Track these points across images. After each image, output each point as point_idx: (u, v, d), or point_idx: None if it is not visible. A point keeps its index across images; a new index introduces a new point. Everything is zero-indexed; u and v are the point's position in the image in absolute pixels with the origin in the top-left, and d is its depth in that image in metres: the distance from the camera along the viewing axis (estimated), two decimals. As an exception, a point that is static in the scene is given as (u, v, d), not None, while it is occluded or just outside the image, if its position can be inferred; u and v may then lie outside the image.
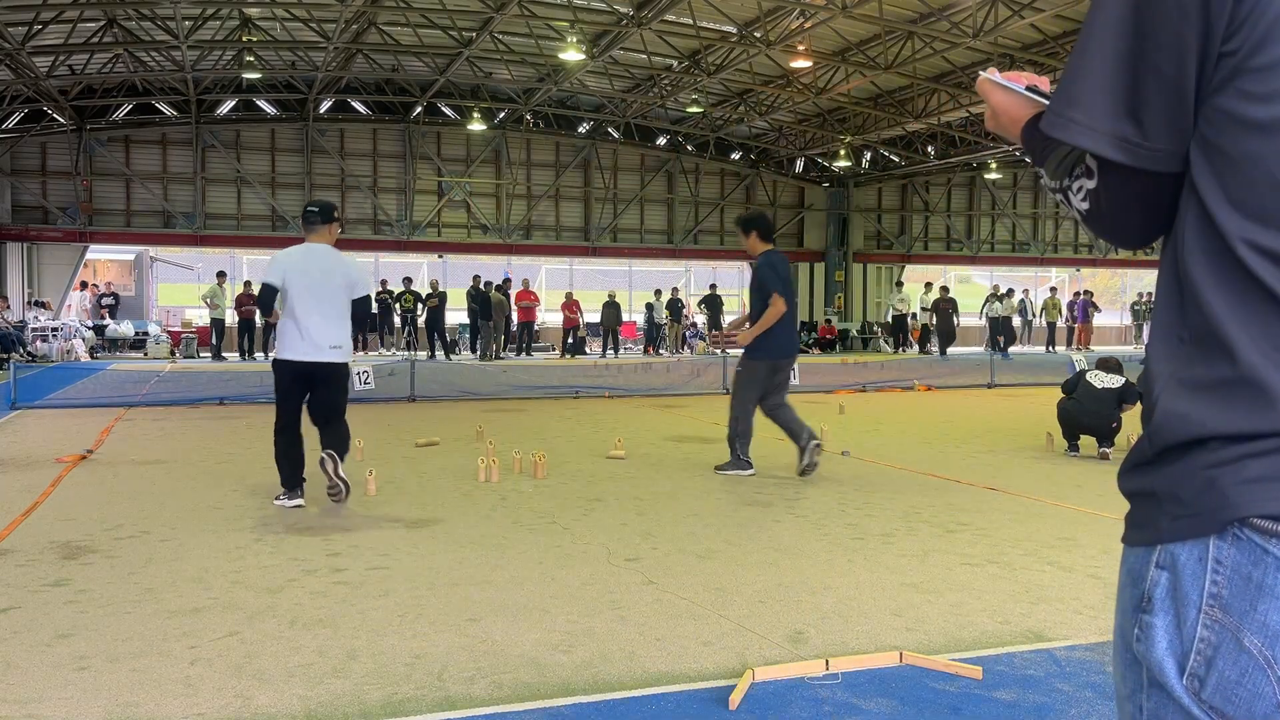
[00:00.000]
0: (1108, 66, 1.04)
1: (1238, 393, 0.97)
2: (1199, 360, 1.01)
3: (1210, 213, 1.00)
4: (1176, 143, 1.02)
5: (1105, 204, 1.09)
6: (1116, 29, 1.03)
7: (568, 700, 3.03)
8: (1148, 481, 1.06)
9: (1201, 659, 0.98)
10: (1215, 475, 0.98)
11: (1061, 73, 1.11)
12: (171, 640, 3.57)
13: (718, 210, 32.25)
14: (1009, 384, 16.22)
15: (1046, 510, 5.98)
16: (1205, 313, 1.00)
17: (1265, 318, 0.97)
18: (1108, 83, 1.04)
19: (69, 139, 25.88)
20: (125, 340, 24.74)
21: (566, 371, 18.38)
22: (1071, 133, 1.06)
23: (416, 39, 22.11)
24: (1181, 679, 0.99)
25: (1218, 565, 0.97)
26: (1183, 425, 1.01)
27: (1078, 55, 1.08)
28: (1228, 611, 0.96)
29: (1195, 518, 0.99)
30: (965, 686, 3.14)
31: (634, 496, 6.40)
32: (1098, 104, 1.04)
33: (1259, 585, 0.95)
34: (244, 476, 7.12)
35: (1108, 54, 1.04)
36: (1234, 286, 0.99)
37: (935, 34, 19.60)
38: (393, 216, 28.78)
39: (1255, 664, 0.95)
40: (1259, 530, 0.95)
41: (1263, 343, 0.97)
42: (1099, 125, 1.04)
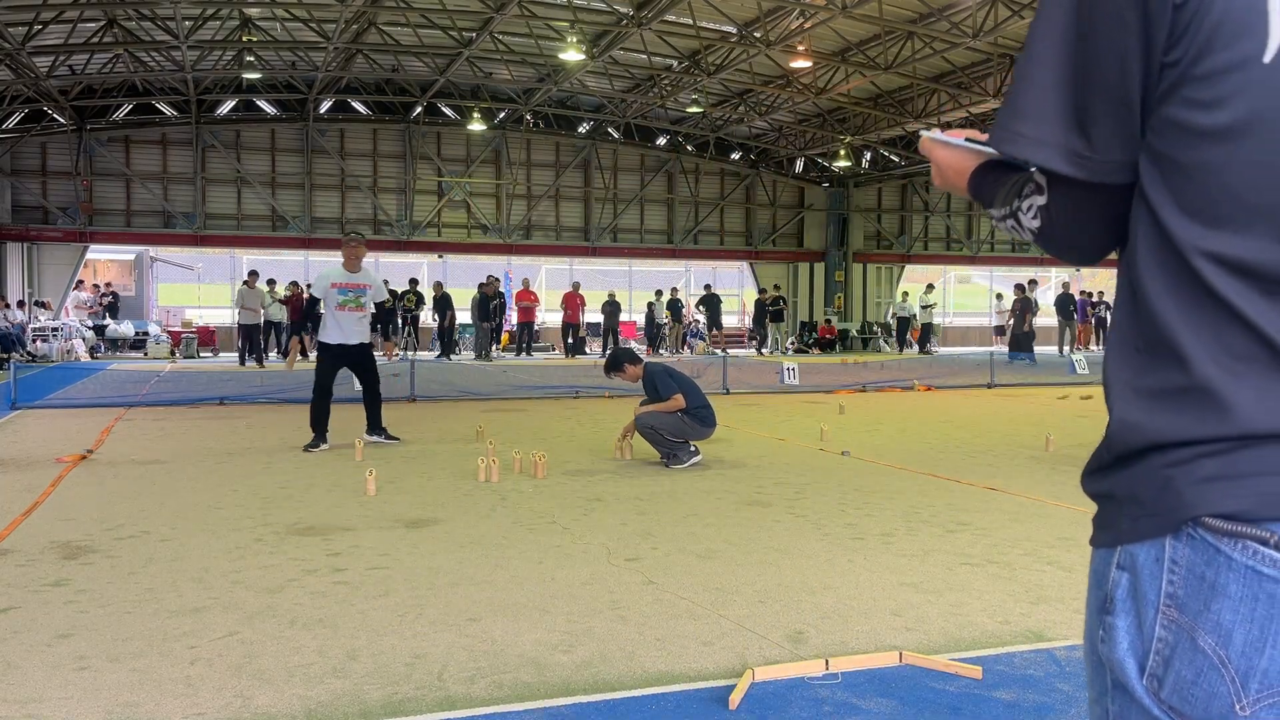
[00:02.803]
0: (1052, 79, 1.03)
1: (1191, 400, 0.98)
2: (1152, 369, 1.02)
3: (1162, 223, 1.00)
4: (1126, 153, 1.02)
5: (1057, 220, 1.08)
6: (1059, 41, 1.03)
7: (568, 700, 3.03)
8: (1107, 484, 1.07)
9: (1160, 659, 0.99)
10: (1171, 475, 0.99)
11: (1008, 87, 1.11)
12: (171, 640, 3.57)
13: (718, 210, 32.27)
14: (1009, 384, 16.22)
15: (1046, 510, 5.98)
16: (1158, 322, 1.01)
17: (1218, 326, 0.97)
18: (1053, 96, 1.03)
19: (69, 139, 25.89)
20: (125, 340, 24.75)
21: (567, 371, 18.38)
22: (1020, 147, 1.06)
23: (416, 39, 22.12)
24: (1142, 679, 1.00)
25: (1174, 565, 0.98)
26: (1137, 433, 1.02)
27: (1022, 68, 1.07)
28: (1183, 611, 0.97)
29: (1152, 518, 1.00)
30: (965, 686, 3.14)
31: (634, 496, 6.40)
32: (1045, 117, 1.04)
33: (1212, 585, 0.95)
34: (244, 476, 7.12)
35: (1052, 66, 1.03)
36: (1186, 295, 0.99)
37: (935, 34, 19.61)
38: (393, 216, 28.79)
39: (1210, 664, 0.95)
40: (1212, 530, 0.96)
41: (1216, 351, 0.97)
42: (1048, 139, 1.04)
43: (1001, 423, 10.79)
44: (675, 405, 7.59)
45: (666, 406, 7.61)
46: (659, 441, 7.60)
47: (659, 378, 7.78)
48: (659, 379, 7.77)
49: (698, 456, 7.66)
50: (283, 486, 6.75)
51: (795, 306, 33.03)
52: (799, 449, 8.71)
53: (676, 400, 7.59)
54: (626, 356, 8.24)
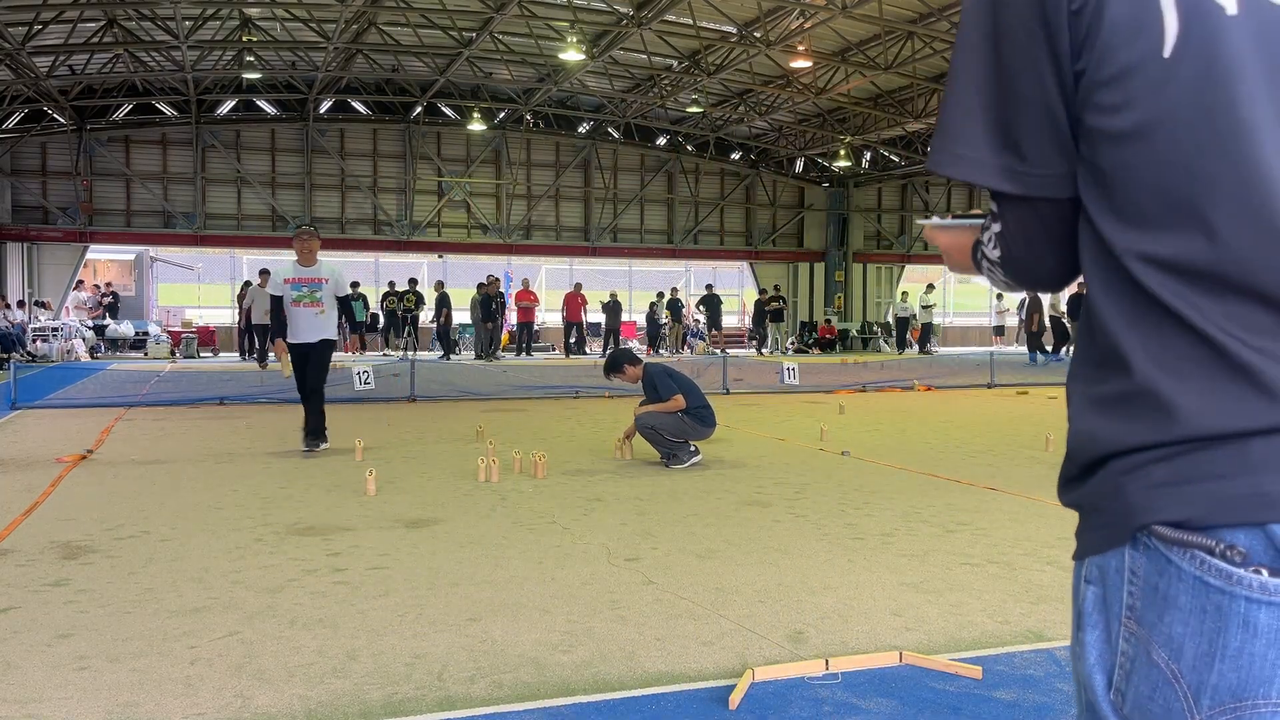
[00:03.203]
0: (978, 98, 1.03)
1: (1137, 406, 0.96)
2: (1102, 378, 1.01)
3: (1098, 229, 0.99)
4: (1062, 165, 1.01)
5: (1013, 244, 1.07)
6: (979, 60, 1.02)
7: (568, 700, 3.03)
8: (1075, 496, 1.05)
9: (1123, 673, 0.97)
10: (1123, 483, 0.97)
11: (939, 106, 1.11)
12: (171, 640, 3.57)
13: (718, 210, 32.27)
14: (1009, 384, 16.22)
15: (1046, 510, 5.98)
16: (1105, 329, 1.00)
17: (1158, 328, 0.95)
18: (980, 114, 1.02)
19: (69, 139, 25.89)
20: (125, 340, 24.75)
21: (567, 371, 18.38)
22: (960, 169, 1.05)
23: (416, 39, 22.12)
24: (1109, 694, 0.98)
25: (1133, 576, 0.96)
26: (1091, 443, 1.01)
27: (950, 86, 1.06)
28: (1140, 624, 0.95)
29: (1109, 528, 0.98)
30: (965, 686, 3.14)
31: (634, 496, 6.40)
32: (976, 136, 1.03)
33: (1164, 596, 0.93)
34: (244, 476, 7.12)
35: (975, 85, 1.03)
36: (1126, 299, 0.98)
37: (935, 34, 19.61)
38: (393, 216, 28.80)
39: (1164, 678, 0.93)
40: (1162, 539, 0.94)
41: (1158, 353, 0.95)
42: (983, 158, 1.03)
43: (1001, 423, 10.79)
44: (675, 406, 7.59)
45: (666, 407, 7.61)
46: (659, 441, 7.61)
47: (659, 378, 7.78)
48: (659, 379, 7.77)
49: (698, 456, 7.67)
50: (283, 486, 6.75)
51: (795, 306, 33.04)
52: (799, 449, 8.70)
53: (676, 401, 7.59)
54: (626, 358, 8.24)
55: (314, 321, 8.20)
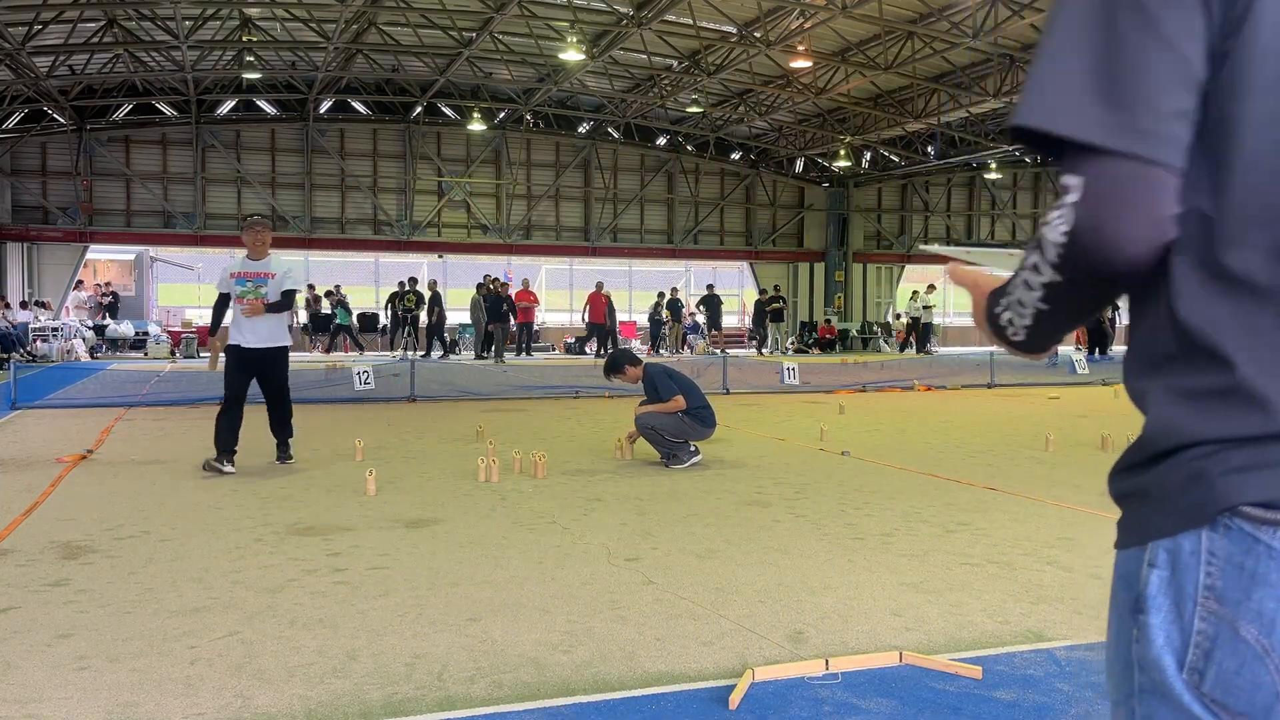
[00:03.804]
0: (1088, 50, 0.98)
1: (1233, 400, 0.97)
2: (1191, 372, 1.00)
3: (1205, 216, 0.97)
4: (1184, 129, 0.96)
5: (1096, 211, 0.96)
6: (1097, 12, 0.98)
7: (568, 700, 3.03)
8: (1139, 482, 1.06)
9: (1200, 652, 0.98)
10: (1203, 467, 0.98)
11: (1032, 64, 1.04)
12: (171, 640, 3.57)
13: (718, 210, 32.27)
14: (1009, 384, 16.22)
15: (1046, 510, 5.98)
16: (1197, 324, 0.99)
17: (1261, 324, 0.96)
18: (1089, 66, 0.97)
19: (69, 139, 25.89)
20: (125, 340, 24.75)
21: (567, 371, 18.38)
22: (1057, 120, 0.98)
23: (416, 39, 22.12)
24: (1181, 674, 0.99)
25: (1211, 557, 0.98)
26: (1174, 433, 1.01)
27: (1050, 43, 1.01)
28: (1223, 602, 0.97)
29: (1185, 511, 1.00)
30: (965, 686, 3.14)
31: (634, 496, 6.40)
32: (1078, 87, 0.98)
33: (1252, 574, 0.95)
34: (244, 476, 7.12)
35: (1088, 37, 0.98)
36: (1227, 294, 0.97)
37: (935, 34, 19.61)
38: (393, 216, 28.80)
39: (1253, 653, 0.95)
40: (1249, 519, 0.96)
41: (1259, 351, 0.96)
42: (1085, 109, 0.97)
43: (1001, 423, 10.79)
44: (675, 406, 7.60)
45: (667, 407, 7.61)
46: (659, 442, 7.61)
47: (659, 379, 7.78)
48: (659, 380, 7.77)
49: (698, 456, 7.67)
50: (283, 486, 6.75)
51: (795, 306, 33.04)
52: (799, 449, 8.70)
53: (677, 401, 7.60)
54: (626, 358, 8.23)
55: (262, 322, 7.41)
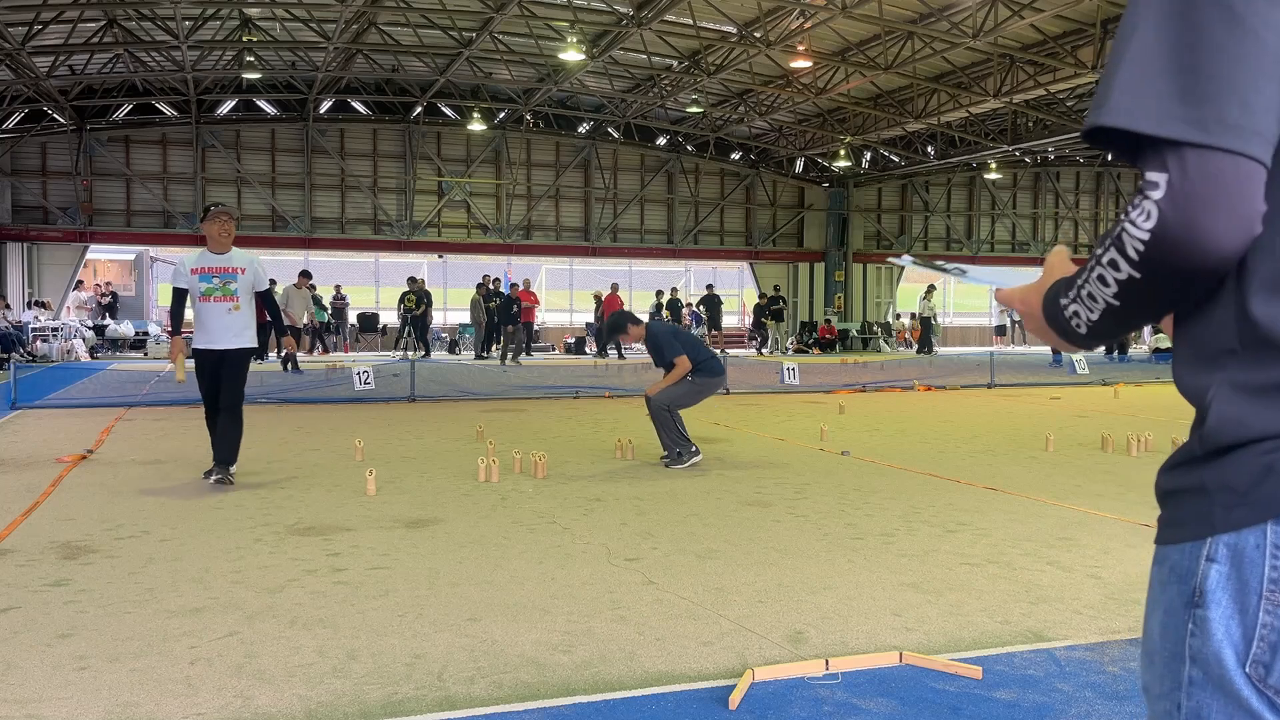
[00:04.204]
0: (1167, 48, 0.97)
1: None
2: (1256, 366, 1.00)
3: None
4: (1274, 125, 0.95)
5: (1187, 203, 0.94)
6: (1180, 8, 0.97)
7: (568, 700, 3.03)
8: (1196, 477, 1.05)
9: (1265, 645, 0.98)
10: (1273, 461, 0.98)
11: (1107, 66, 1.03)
12: (171, 640, 3.57)
13: (718, 210, 32.27)
14: (1009, 384, 16.22)
15: (1046, 510, 5.98)
16: (1266, 316, 0.99)
17: None
18: (1169, 64, 0.96)
19: (69, 139, 25.89)
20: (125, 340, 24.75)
21: (567, 372, 18.38)
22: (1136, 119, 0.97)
23: (416, 39, 22.12)
24: (1244, 668, 0.99)
25: (1276, 550, 0.97)
26: (1239, 428, 1.01)
27: (1129, 42, 1.00)
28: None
29: (1252, 505, 0.99)
30: (965, 686, 3.14)
31: (634, 496, 6.40)
32: (1159, 85, 0.97)
33: None
34: (244, 476, 7.11)
35: (1169, 31, 0.97)
36: None
37: (935, 34, 19.61)
38: (393, 216, 28.80)
39: None
40: None
41: None
42: (1168, 107, 0.96)
43: (1001, 423, 10.79)
44: (683, 369, 7.56)
45: (675, 375, 7.57)
46: (668, 428, 7.55)
47: (662, 338, 7.75)
48: (662, 339, 7.73)
49: (698, 456, 7.67)
50: (283, 486, 6.75)
51: (795, 306, 33.04)
52: (799, 449, 8.70)
53: (683, 363, 7.56)
54: (628, 318, 8.09)
55: (225, 320, 6.77)
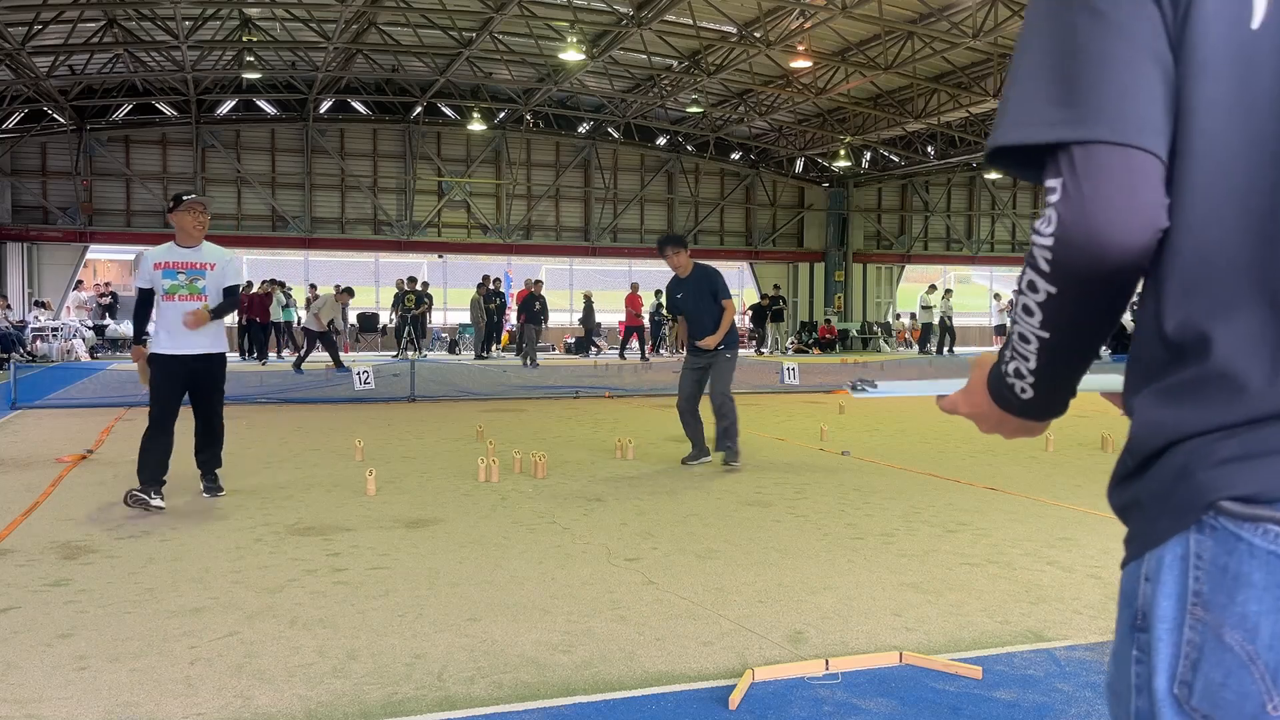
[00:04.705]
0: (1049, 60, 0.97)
1: (1208, 388, 0.93)
2: (1173, 367, 0.97)
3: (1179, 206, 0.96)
4: (1163, 119, 0.95)
5: (1085, 201, 0.94)
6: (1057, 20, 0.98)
7: (568, 700, 3.03)
8: (1132, 492, 1.02)
9: (1188, 664, 0.92)
10: (1189, 463, 0.94)
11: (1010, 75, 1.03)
12: (171, 640, 3.57)
13: (718, 210, 32.28)
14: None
15: (1046, 510, 5.98)
16: (1179, 315, 0.96)
17: (1236, 305, 0.94)
18: (1050, 74, 0.97)
19: (69, 139, 25.89)
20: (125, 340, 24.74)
21: (567, 371, 18.38)
22: (1021, 131, 0.98)
23: (416, 39, 22.12)
24: (1172, 689, 0.93)
25: (1198, 560, 0.92)
26: (1158, 432, 0.97)
27: (1015, 63, 1.01)
28: (1209, 609, 0.91)
29: (1173, 513, 0.95)
30: (965, 686, 3.14)
31: (634, 496, 6.40)
32: (1041, 95, 0.97)
33: (1235, 575, 0.90)
34: (244, 476, 7.12)
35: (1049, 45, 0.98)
36: (1205, 280, 0.95)
37: (935, 34, 19.60)
38: (393, 216, 28.79)
39: (1238, 661, 0.89)
40: (1230, 515, 0.90)
41: (1234, 332, 0.93)
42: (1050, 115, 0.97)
43: (1001, 423, 10.77)
44: (732, 311, 7.57)
45: (727, 321, 7.49)
46: (728, 415, 7.44)
47: (719, 279, 7.63)
48: (719, 281, 7.62)
49: (707, 457, 7.66)
50: (282, 486, 6.75)
51: (795, 306, 33.05)
52: (799, 449, 8.70)
53: (731, 306, 7.57)
54: (681, 241, 7.79)
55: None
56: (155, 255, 6.24)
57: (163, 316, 6.15)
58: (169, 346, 6.09)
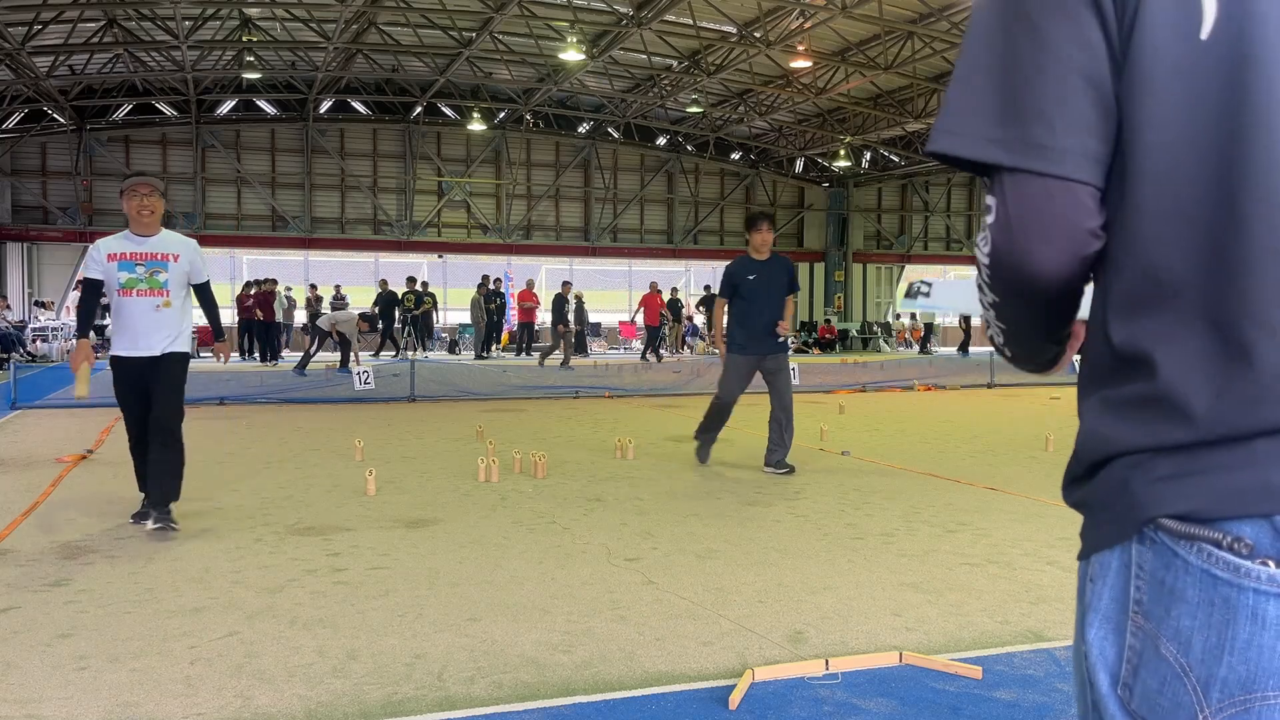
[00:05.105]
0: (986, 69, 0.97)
1: (1153, 408, 0.94)
2: (1119, 381, 0.98)
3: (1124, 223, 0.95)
4: (1093, 142, 0.94)
5: (1008, 232, 0.96)
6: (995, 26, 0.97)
7: (568, 700, 3.03)
8: (1080, 494, 1.04)
9: (1130, 668, 0.95)
10: (1129, 477, 0.96)
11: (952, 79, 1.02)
12: (171, 640, 3.57)
13: (718, 210, 32.28)
14: (1009, 384, 16.22)
15: (1046, 510, 5.98)
16: (1127, 333, 0.97)
17: (1180, 327, 0.94)
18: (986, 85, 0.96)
19: (69, 139, 25.90)
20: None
21: (567, 372, 18.38)
22: (950, 142, 0.98)
23: (416, 39, 22.12)
24: (1115, 690, 0.97)
25: (1139, 570, 0.95)
26: (1102, 444, 0.99)
27: (957, 64, 1.00)
28: (1148, 619, 0.94)
29: (1115, 523, 0.97)
30: (965, 686, 3.14)
31: (634, 496, 6.40)
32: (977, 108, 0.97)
33: (1171, 590, 0.92)
34: (244, 476, 7.12)
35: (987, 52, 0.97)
36: (1149, 300, 0.95)
37: (935, 34, 19.61)
38: (393, 216, 28.81)
39: (1173, 672, 0.92)
40: (1169, 532, 0.93)
41: (1178, 356, 0.93)
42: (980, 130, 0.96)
43: (1001, 423, 10.79)
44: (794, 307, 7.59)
45: (791, 312, 7.54)
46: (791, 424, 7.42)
47: (795, 271, 7.61)
48: (795, 272, 7.61)
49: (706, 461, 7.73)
50: (282, 486, 6.75)
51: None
52: (799, 449, 8.70)
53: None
54: (772, 218, 7.62)
55: (154, 320, 5.42)
56: (109, 245, 5.49)
57: (118, 315, 5.45)
58: (124, 347, 5.43)
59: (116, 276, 5.40)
